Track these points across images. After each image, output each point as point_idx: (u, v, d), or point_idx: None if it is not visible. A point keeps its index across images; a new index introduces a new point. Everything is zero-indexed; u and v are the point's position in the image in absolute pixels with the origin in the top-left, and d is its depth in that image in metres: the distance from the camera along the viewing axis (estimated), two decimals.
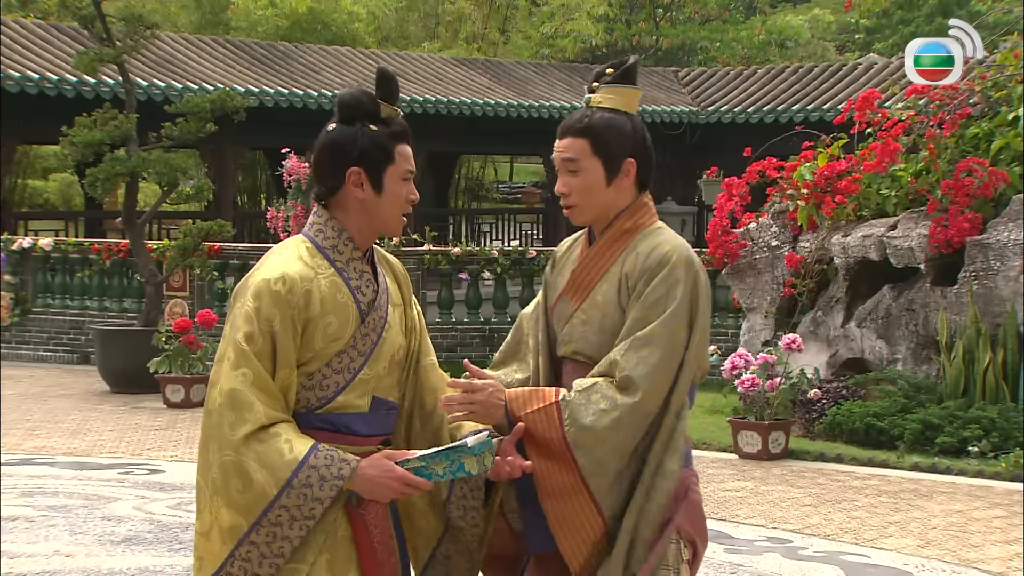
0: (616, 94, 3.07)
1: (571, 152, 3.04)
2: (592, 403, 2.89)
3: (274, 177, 18.78)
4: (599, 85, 3.08)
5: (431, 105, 19.81)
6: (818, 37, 32.44)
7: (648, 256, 2.99)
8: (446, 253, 13.59)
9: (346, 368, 2.85)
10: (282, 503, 2.72)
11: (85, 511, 7.29)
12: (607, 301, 3.02)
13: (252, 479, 2.72)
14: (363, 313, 2.87)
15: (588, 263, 3.08)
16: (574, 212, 3.08)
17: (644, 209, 3.08)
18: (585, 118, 3.05)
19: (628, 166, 3.05)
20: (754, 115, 21.85)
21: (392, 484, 2.77)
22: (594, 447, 2.88)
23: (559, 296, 3.12)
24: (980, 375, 9.15)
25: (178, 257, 12.38)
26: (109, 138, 12.04)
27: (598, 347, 3.01)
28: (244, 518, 2.73)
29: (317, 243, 2.89)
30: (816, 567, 6.30)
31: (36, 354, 14.55)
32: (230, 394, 2.75)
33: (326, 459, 2.74)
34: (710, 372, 12.69)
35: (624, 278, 3.01)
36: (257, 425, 2.74)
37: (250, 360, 2.76)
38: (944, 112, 10.21)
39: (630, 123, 3.06)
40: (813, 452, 9.09)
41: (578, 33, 27.91)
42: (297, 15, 25.29)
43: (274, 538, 2.74)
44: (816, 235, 10.36)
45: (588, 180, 3.04)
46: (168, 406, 11.21)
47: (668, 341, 2.93)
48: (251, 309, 2.79)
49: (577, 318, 3.06)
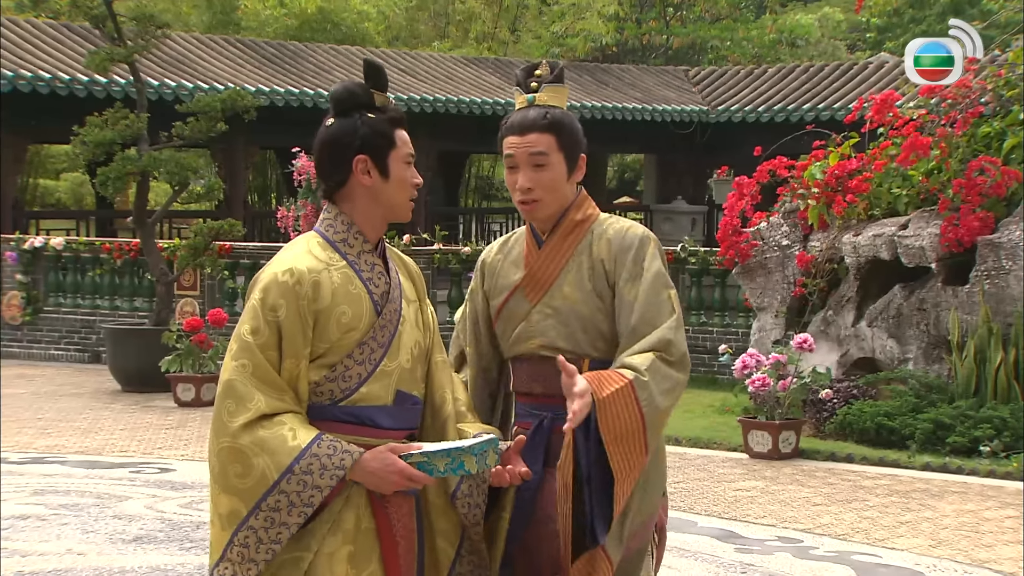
0: (557, 92, 3.20)
1: (540, 146, 3.11)
2: (661, 381, 2.98)
3: (284, 176, 18.83)
4: (538, 85, 3.18)
5: (441, 104, 19.82)
6: (829, 36, 32.37)
7: (623, 238, 3.11)
8: (456, 252, 13.59)
9: (368, 359, 2.89)
10: (282, 488, 2.75)
11: (96, 510, 7.31)
12: (577, 291, 3.10)
13: (252, 464, 2.76)
14: (377, 304, 2.91)
15: (545, 259, 3.15)
16: (537, 207, 3.14)
17: (588, 202, 3.22)
18: (547, 114, 3.13)
19: (581, 162, 3.18)
20: (765, 114, 21.82)
21: (393, 477, 2.80)
22: (659, 426, 3.01)
23: (509, 296, 3.18)
24: (992, 375, 9.13)
25: (189, 256, 12.41)
26: (120, 137, 12.06)
27: (571, 337, 3.09)
28: (243, 503, 2.77)
29: (328, 237, 2.94)
30: (827, 567, 6.28)
31: (48, 353, 14.59)
32: (228, 384, 2.81)
33: (329, 448, 2.78)
34: (721, 372, 12.64)
35: (599, 264, 3.10)
36: (257, 414, 2.78)
37: (251, 352, 2.81)
38: (956, 111, 10.19)
39: (577, 120, 3.21)
40: (824, 452, 9.08)
41: (588, 32, 27.90)
42: (306, 15, 25.32)
43: (272, 523, 2.76)
44: (827, 234, 10.34)
45: (555, 175, 3.12)
46: (179, 405, 11.23)
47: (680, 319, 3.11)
48: (256, 302, 2.85)
49: (540, 313, 3.12)
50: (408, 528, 2.93)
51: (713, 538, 6.79)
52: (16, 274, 14.82)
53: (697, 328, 12.61)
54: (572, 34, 28.41)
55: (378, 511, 2.87)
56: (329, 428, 2.85)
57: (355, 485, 2.84)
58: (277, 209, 14.39)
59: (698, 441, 9.46)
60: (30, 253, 14.77)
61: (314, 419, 2.87)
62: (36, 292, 14.82)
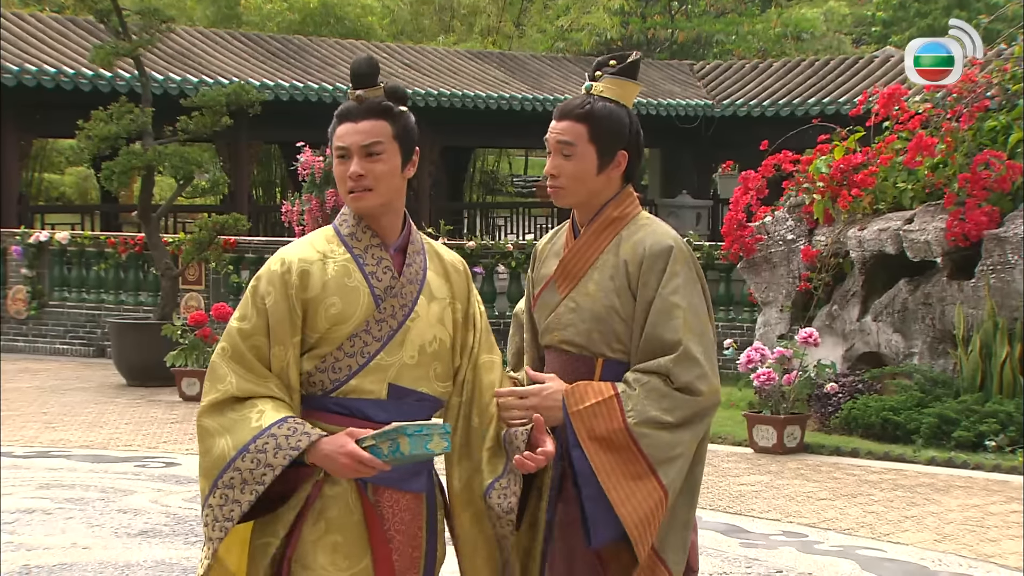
0: (617, 85, 3.11)
1: (569, 135, 3.07)
2: (656, 398, 2.94)
3: (289, 171, 18.82)
4: (601, 74, 3.11)
5: (445, 99, 19.80)
6: (834, 30, 32.33)
7: (651, 245, 3.04)
8: (461, 247, 13.59)
9: (359, 352, 2.88)
10: (236, 466, 2.79)
11: (102, 504, 7.32)
12: (599, 289, 3.06)
13: (215, 443, 2.82)
14: (378, 298, 2.90)
15: (577, 252, 3.11)
16: (559, 194, 3.11)
17: (630, 199, 3.14)
18: (587, 104, 3.08)
19: (620, 158, 3.09)
20: (770, 108, 21.79)
21: (343, 460, 2.78)
22: (667, 444, 2.94)
23: (544, 285, 3.15)
24: (997, 369, 9.11)
25: (194, 251, 12.41)
26: (125, 132, 12.06)
27: (586, 334, 3.05)
28: (207, 481, 2.84)
29: (339, 231, 2.98)
30: (832, 561, 6.28)
31: (52, 347, 14.60)
32: (210, 366, 2.93)
33: (288, 430, 2.80)
34: (726, 366, 12.69)
35: (623, 265, 3.05)
36: (226, 395, 2.84)
37: (233, 336, 2.89)
38: (961, 105, 10.17)
39: (627, 116, 3.11)
40: (829, 446, 9.07)
41: (593, 27, 27.87)
42: (308, 9, 25.30)
43: (226, 500, 2.80)
44: (832, 229, 10.33)
45: (581, 165, 3.07)
46: (184, 399, 11.24)
47: (711, 333, 3.06)
48: (249, 289, 2.93)
49: (565, 306, 3.10)
50: (408, 525, 2.92)
51: (718, 532, 6.79)
52: (21, 268, 14.84)
53: None
54: (577, 28, 28.40)
55: (367, 505, 2.87)
56: (322, 419, 2.87)
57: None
58: (282, 203, 14.38)
59: None
60: (35, 247, 14.79)
61: (309, 409, 2.89)
62: (41, 286, 14.83)
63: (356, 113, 2.90)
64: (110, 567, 6.04)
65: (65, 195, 28.27)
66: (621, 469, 2.91)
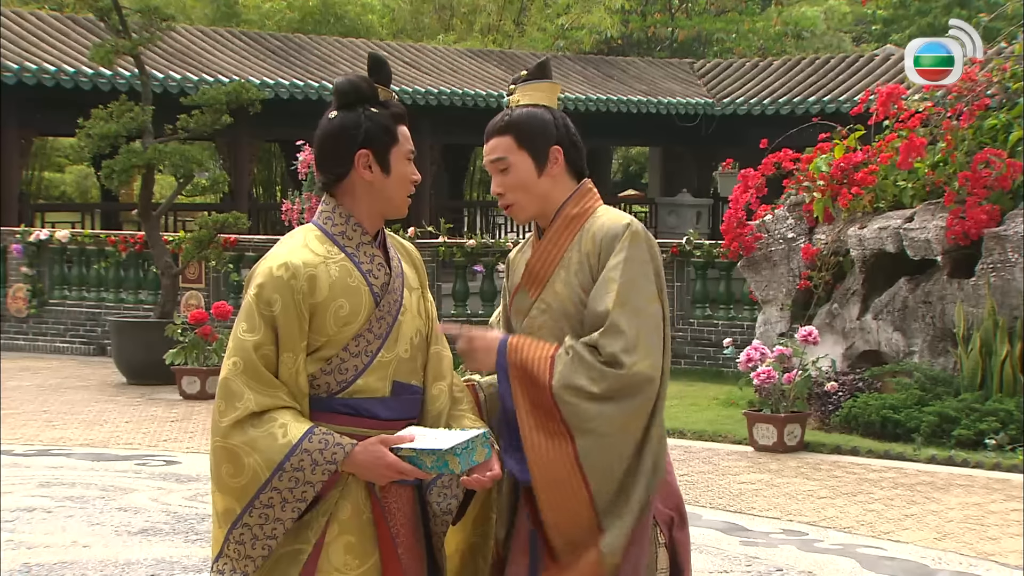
0: (532, 90, 3.16)
1: (499, 151, 3.11)
2: (583, 367, 2.94)
3: (289, 169, 18.81)
4: (515, 87, 3.17)
5: (446, 97, 19.81)
6: (834, 28, 32.34)
7: (607, 231, 3.05)
8: (461, 245, 13.58)
9: (363, 351, 2.88)
10: (274, 486, 2.76)
11: (102, 502, 7.32)
12: (566, 287, 3.08)
13: (243, 463, 2.78)
14: (376, 296, 2.91)
15: (542, 254, 3.13)
16: (514, 210, 3.15)
17: (589, 195, 3.16)
18: (506, 116, 3.12)
19: (555, 153, 3.11)
20: (770, 107, 21.79)
21: (382, 471, 2.80)
22: (579, 404, 2.94)
23: (516, 291, 3.18)
24: (997, 367, 9.12)
25: (194, 249, 12.41)
26: (125, 130, 12.07)
27: (559, 332, 3.07)
28: (237, 502, 2.79)
29: (326, 230, 2.94)
30: (832, 560, 6.28)
31: (53, 346, 14.61)
32: (221, 383, 2.84)
33: (320, 443, 2.78)
34: (726, 364, 12.61)
35: (585, 258, 3.07)
36: (246, 412, 2.79)
37: (244, 349, 2.82)
38: (961, 103, 10.17)
39: (548, 112, 3.14)
40: (829, 445, 9.07)
41: (593, 25, 27.87)
42: (308, 7, 25.30)
43: (266, 520, 2.78)
44: (832, 227, 10.33)
45: (519, 175, 3.10)
46: (184, 398, 11.25)
47: (653, 311, 3.01)
48: (252, 298, 2.85)
49: (536, 308, 3.12)
50: (407, 516, 2.93)
51: (718, 531, 6.79)
52: (21, 267, 14.85)
53: (702, 321, 12.60)
54: (577, 27, 28.39)
55: (375, 502, 2.88)
56: (329, 419, 2.86)
57: (352, 476, 2.85)
58: (282, 202, 14.38)
59: (703, 434, 9.46)
60: (35, 246, 14.80)
61: (315, 411, 2.88)
62: (41, 285, 14.84)
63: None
64: (110, 565, 6.04)
65: (65, 193, 28.29)
66: (541, 424, 2.95)
